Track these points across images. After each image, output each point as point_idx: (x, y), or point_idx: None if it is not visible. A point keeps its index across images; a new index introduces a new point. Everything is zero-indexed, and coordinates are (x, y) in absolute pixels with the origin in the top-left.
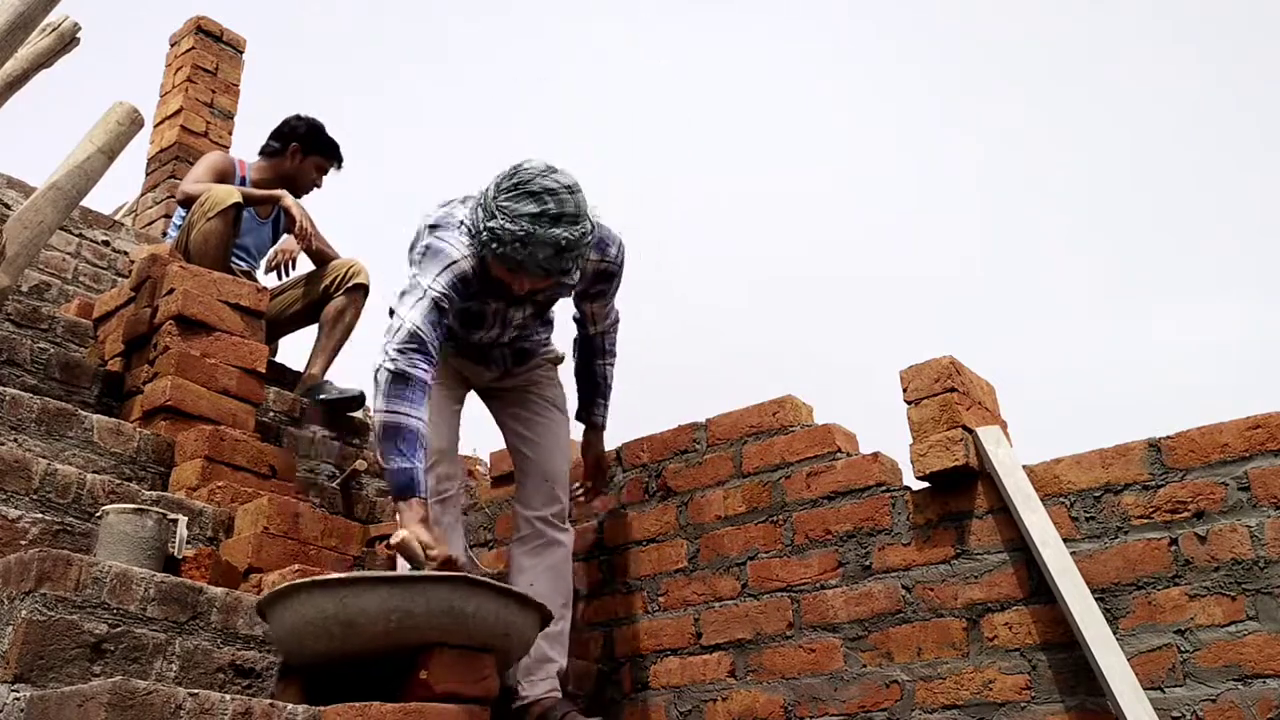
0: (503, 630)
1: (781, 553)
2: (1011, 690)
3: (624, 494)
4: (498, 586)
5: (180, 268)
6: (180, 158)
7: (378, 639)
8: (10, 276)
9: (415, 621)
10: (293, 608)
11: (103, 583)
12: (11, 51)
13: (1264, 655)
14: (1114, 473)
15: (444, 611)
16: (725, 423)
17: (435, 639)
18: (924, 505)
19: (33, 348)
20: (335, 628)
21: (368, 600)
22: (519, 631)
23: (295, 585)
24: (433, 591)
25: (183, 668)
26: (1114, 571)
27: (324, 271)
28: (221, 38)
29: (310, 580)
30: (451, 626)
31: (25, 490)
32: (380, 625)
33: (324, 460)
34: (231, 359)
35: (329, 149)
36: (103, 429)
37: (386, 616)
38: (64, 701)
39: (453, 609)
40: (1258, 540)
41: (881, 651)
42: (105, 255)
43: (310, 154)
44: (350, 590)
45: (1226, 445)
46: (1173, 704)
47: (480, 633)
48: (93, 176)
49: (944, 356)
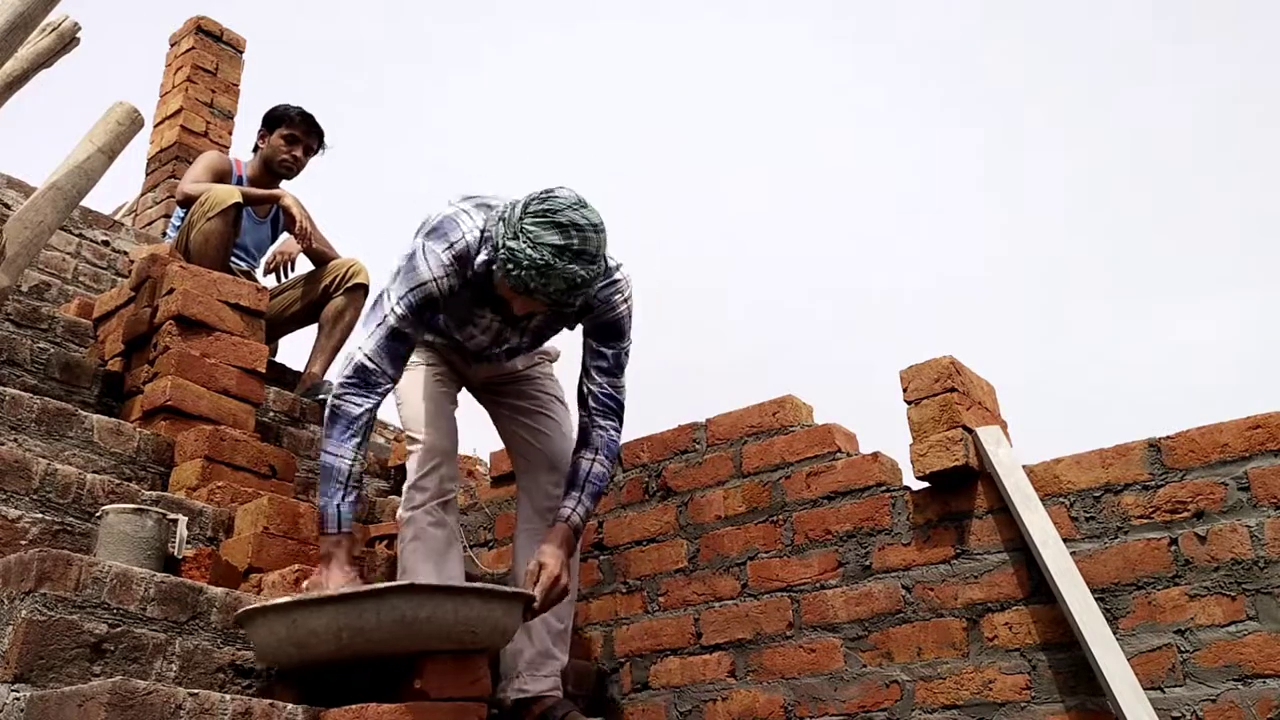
0: (466, 628)
1: (781, 553)
2: (1011, 690)
3: (624, 494)
4: (450, 587)
5: (180, 268)
6: (180, 158)
7: (331, 655)
8: (10, 276)
9: (368, 636)
10: (254, 630)
11: (103, 583)
12: (11, 51)
13: (1264, 655)
14: (1114, 473)
15: (396, 621)
16: (725, 423)
17: (389, 650)
18: (924, 505)
19: (33, 348)
20: (291, 648)
21: (315, 621)
22: (488, 625)
23: (251, 610)
24: (383, 604)
25: (183, 668)
26: (1114, 571)
27: (324, 271)
28: (221, 38)
29: (263, 605)
30: (406, 635)
31: (25, 490)
32: (332, 644)
33: None
34: (231, 359)
35: (284, 118)
36: (103, 429)
37: (337, 635)
38: (64, 701)
39: (404, 618)
40: (1258, 540)
41: (881, 651)
42: (105, 255)
43: (272, 130)
44: (300, 612)
45: (1226, 445)
46: (1173, 704)
47: (440, 636)
48: (93, 176)
49: (944, 357)
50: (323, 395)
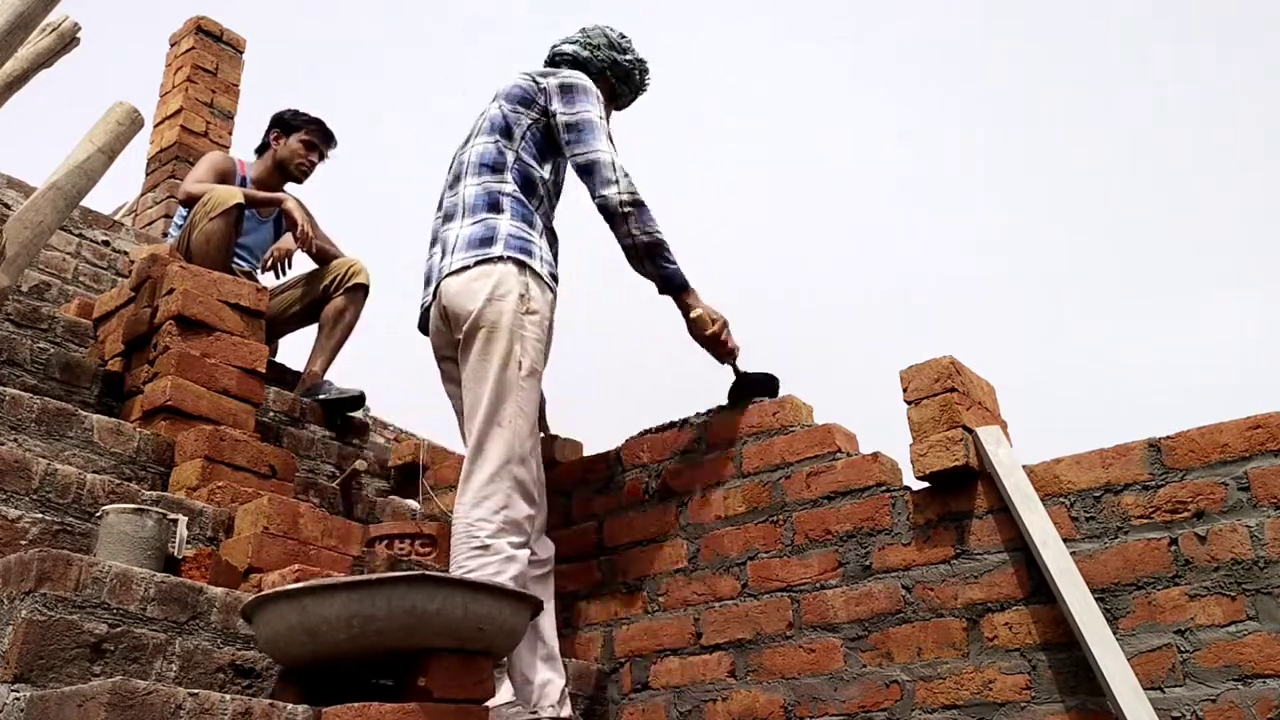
0: (475, 625)
1: (781, 553)
2: (1011, 690)
3: (624, 494)
4: (463, 581)
5: (180, 267)
6: (180, 158)
7: (344, 645)
8: (10, 276)
9: (378, 625)
10: (265, 619)
11: (103, 583)
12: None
13: (1264, 655)
14: (1114, 473)
15: (406, 612)
16: (726, 423)
17: (398, 643)
18: (924, 505)
19: (33, 348)
20: (303, 636)
21: (328, 608)
22: (496, 624)
23: (263, 597)
24: (394, 593)
25: (183, 668)
26: (1114, 571)
27: (324, 271)
28: (221, 38)
29: (275, 591)
30: (416, 627)
31: (25, 490)
32: (343, 632)
33: (324, 460)
34: (231, 359)
35: (308, 124)
36: (103, 429)
37: (348, 623)
38: (64, 701)
39: (415, 609)
40: (1258, 540)
41: (881, 651)
42: (105, 255)
43: (291, 133)
44: (311, 599)
45: (1226, 445)
46: (1173, 704)
47: (448, 631)
48: (93, 176)
49: (944, 356)
50: (323, 395)
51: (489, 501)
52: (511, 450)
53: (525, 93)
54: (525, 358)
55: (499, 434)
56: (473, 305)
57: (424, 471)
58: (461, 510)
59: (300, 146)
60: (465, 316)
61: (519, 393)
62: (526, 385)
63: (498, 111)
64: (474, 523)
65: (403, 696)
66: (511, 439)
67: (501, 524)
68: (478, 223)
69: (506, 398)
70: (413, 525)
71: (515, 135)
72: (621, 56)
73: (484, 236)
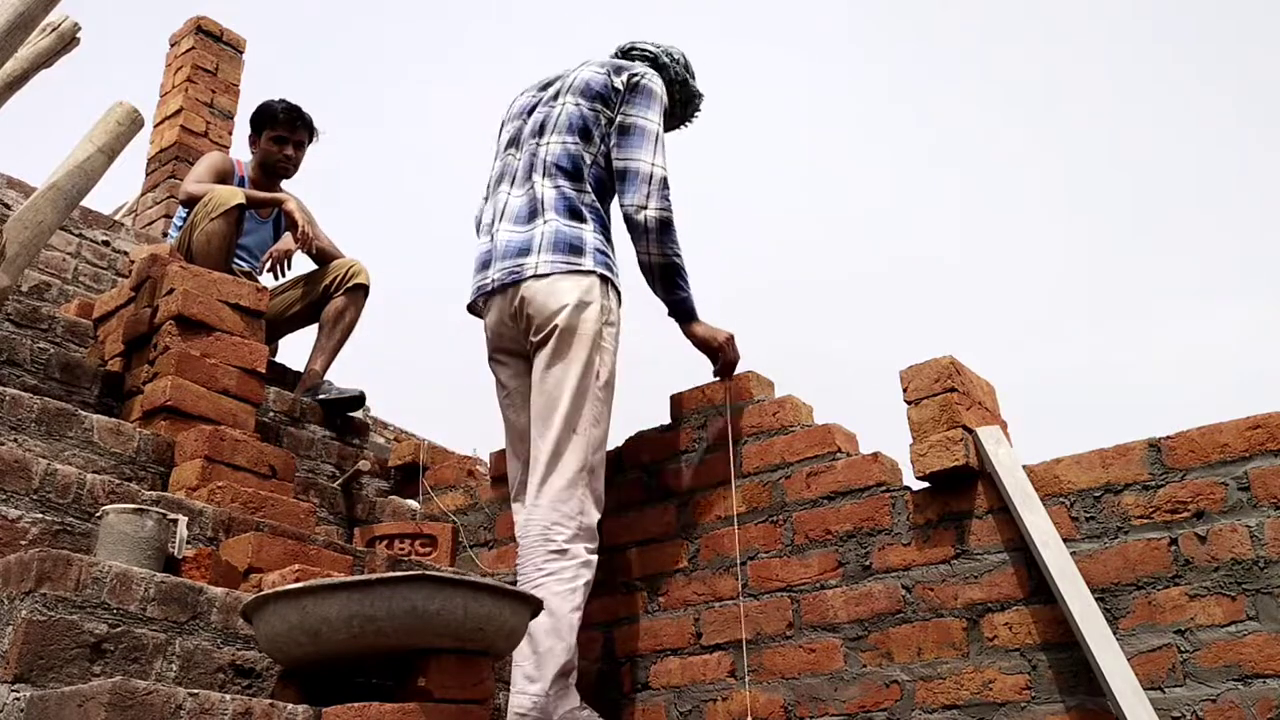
0: (475, 625)
1: (781, 553)
2: (1011, 690)
3: (624, 494)
4: (465, 581)
5: (180, 267)
6: (180, 158)
7: (344, 645)
8: (10, 276)
9: (379, 625)
10: (265, 619)
11: (103, 583)
12: (11, 51)
13: (1264, 655)
14: (1114, 473)
15: (406, 612)
16: (725, 423)
17: (398, 643)
18: (924, 505)
19: (33, 348)
20: (303, 637)
21: (328, 608)
22: (496, 625)
23: (263, 597)
24: (395, 592)
25: (183, 668)
26: (1114, 571)
27: (324, 271)
28: (221, 38)
29: (275, 591)
30: (417, 627)
31: (25, 490)
32: (343, 632)
33: (324, 460)
34: (231, 359)
35: (269, 119)
36: (103, 429)
37: (348, 622)
38: (64, 701)
39: (415, 609)
40: (1258, 540)
41: (881, 651)
42: (105, 255)
43: (261, 132)
44: (311, 599)
45: (1226, 445)
46: (1173, 704)
47: (448, 631)
48: (93, 176)
49: (944, 356)
50: (322, 395)
51: (566, 506)
52: (586, 458)
53: (603, 89)
54: (604, 368)
55: (577, 441)
56: (558, 308)
57: (424, 472)
58: (539, 514)
59: (272, 145)
60: (549, 319)
61: (596, 402)
62: (603, 396)
63: (575, 109)
64: (550, 526)
65: (403, 696)
66: (587, 447)
67: (577, 529)
68: (564, 226)
69: (584, 406)
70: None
71: (594, 138)
72: (691, 81)
73: (573, 244)
